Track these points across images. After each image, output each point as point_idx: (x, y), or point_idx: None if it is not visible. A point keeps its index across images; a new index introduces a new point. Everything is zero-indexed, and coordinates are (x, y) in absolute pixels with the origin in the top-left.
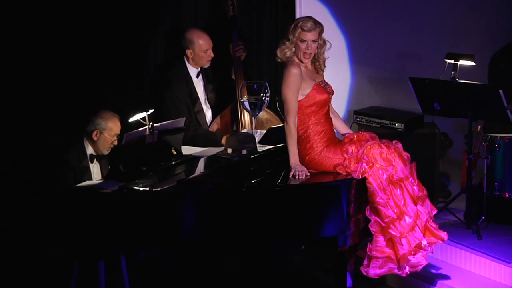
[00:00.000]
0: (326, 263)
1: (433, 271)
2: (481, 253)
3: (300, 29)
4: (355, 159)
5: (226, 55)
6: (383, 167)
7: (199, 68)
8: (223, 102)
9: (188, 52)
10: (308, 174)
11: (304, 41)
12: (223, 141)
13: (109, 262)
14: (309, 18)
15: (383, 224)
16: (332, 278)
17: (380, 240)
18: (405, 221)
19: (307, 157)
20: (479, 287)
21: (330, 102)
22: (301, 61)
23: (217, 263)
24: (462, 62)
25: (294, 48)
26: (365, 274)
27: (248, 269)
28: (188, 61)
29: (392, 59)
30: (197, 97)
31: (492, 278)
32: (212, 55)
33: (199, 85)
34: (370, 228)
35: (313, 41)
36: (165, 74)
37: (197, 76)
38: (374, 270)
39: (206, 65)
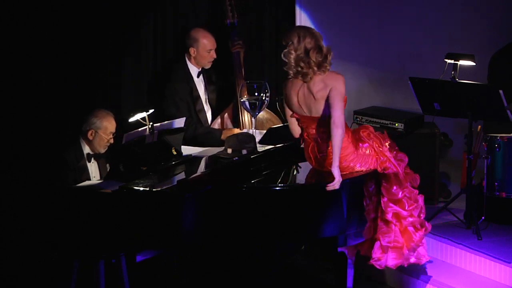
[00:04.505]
0: (326, 263)
1: (433, 271)
2: (481, 253)
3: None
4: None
5: (227, 56)
6: (397, 158)
7: (200, 68)
8: (224, 103)
9: (192, 50)
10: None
11: None
12: (223, 136)
13: (109, 262)
14: None
15: (404, 213)
16: (332, 278)
17: (396, 230)
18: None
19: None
20: (479, 287)
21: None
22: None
23: (217, 263)
24: (462, 62)
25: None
26: (379, 267)
27: (248, 269)
28: (190, 60)
29: (392, 59)
30: (198, 96)
31: (492, 278)
32: (215, 56)
33: (199, 84)
34: (388, 219)
35: None
36: (166, 71)
37: (198, 76)
38: (392, 261)
39: (207, 66)
